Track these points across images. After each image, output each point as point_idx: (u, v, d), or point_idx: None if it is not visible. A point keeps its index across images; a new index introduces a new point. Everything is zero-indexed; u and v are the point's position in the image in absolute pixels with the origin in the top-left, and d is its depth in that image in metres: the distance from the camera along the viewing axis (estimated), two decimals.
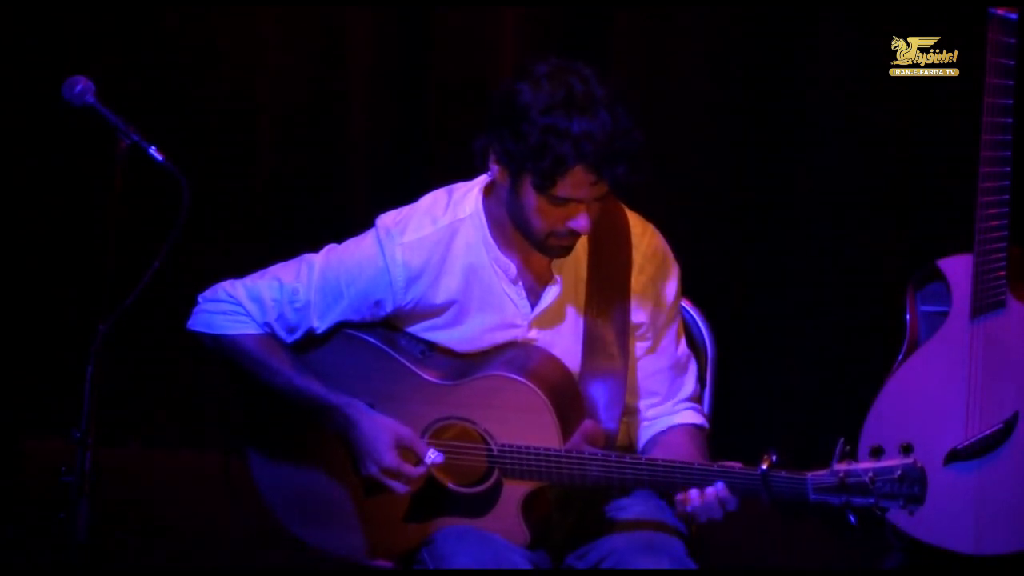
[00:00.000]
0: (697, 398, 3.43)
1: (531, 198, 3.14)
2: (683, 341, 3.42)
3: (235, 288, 3.33)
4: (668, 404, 3.38)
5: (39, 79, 5.30)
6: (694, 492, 3.10)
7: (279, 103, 5.43)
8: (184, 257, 3.99)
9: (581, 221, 3.14)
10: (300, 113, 5.44)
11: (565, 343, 3.32)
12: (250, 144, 5.46)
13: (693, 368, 3.43)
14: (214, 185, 5.34)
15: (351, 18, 5.35)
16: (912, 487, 3.01)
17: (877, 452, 3.03)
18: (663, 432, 3.36)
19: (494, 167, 3.19)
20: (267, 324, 3.31)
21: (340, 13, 5.36)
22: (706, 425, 3.41)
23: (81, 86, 3.21)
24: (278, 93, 5.42)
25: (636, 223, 3.36)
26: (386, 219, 3.33)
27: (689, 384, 3.41)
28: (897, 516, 4.22)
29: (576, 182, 3.09)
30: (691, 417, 3.39)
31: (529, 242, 3.22)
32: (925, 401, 4.26)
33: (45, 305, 5.48)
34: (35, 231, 5.46)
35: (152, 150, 3.18)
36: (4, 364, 5.46)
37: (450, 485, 3.27)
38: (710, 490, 3.09)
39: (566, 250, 3.22)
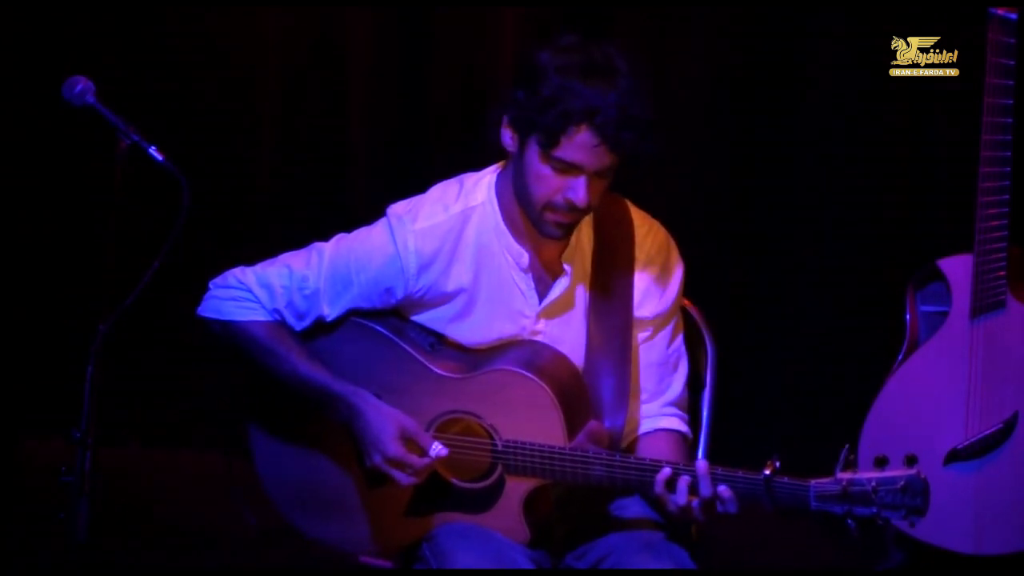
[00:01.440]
0: (683, 404, 3.42)
1: (534, 161, 3.15)
2: (678, 340, 3.42)
3: (245, 275, 3.34)
4: (655, 404, 3.38)
5: (39, 79, 5.30)
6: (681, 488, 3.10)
7: (279, 103, 5.43)
8: (184, 257, 3.97)
9: (579, 191, 3.14)
10: (300, 113, 5.44)
11: (572, 336, 3.32)
12: (250, 144, 5.46)
13: (683, 369, 3.42)
14: (214, 185, 5.34)
15: (351, 18, 5.35)
16: (915, 499, 3.01)
17: (881, 462, 3.03)
18: (648, 433, 3.37)
19: (505, 132, 3.21)
20: (276, 311, 3.32)
21: (340, 13, 5.36)
22: (690, 435, 3.41)
23: (81, 86, 3.21)
24: (278, 93, 5.42)
25: (641, 220, 3.37)
26: (397, 208, 3.34)
27: (677, 386, 3.40)
28: (897, 520, 4.22)
29: (579, 144, 3.11)
30: (676, 424, 3.39)
31: (528, 217, 3.23)
32: (925, 401, 4.26)
33: (45, 305, 5.48)
34: (35, 231, 5.46)
35: (152, 150, 3.18)
36: (4, 364, 5.46)
37: (453, 480, 3.27)
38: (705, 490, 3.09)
39: (563, 228, 3.21)
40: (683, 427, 3.39)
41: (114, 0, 5.35)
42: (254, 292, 3.31)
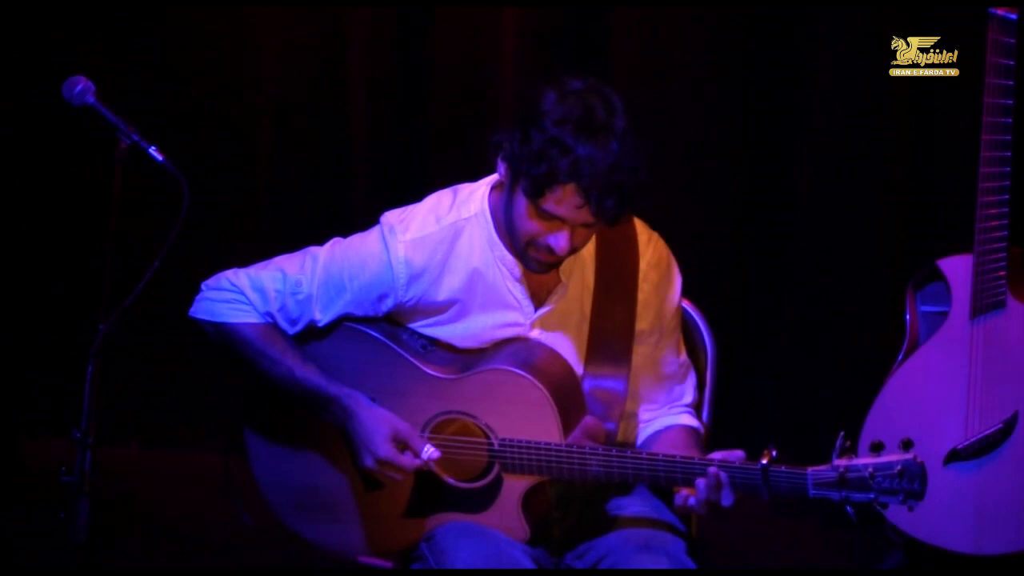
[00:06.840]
0: (695, 406, 3.44)
1: (521, 203, 3.15)
2: (683, 350, 3.43)
3: (238, 277, 3.33)
4: (665, 409, 3.40)
5: (39, 79, 5.31)
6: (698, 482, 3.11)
7: (279, 103, 5.43)
8: (184, 257, 3.97)
9: (560, 240, 3.14)
10: (300, 114, 5.44)
11: (566, 345, 3.32)
12: (250, 144, 5.46)
13: (692, 377, 3.44)
14: (214, 185, 5.34)
15: (351, 19, 5.35)
16: (912, 483, 3.00)
17: (877, 447, 3.02)
18: (659, 431, 3.38)
19: (500, 163, 3.20)
20: (269, 314, 3.32)
21: (340, 14, 5.36)
22: (701, 430, 3.42)
23: (81, 86, 3.22)
24: (278, 93, 5.42)
25: (642, 231, 3.37)
26: (391, 216, 3.34)
27: (688, 393, 3.43)
28: (897, 515, 4.22)
29: (564, 200, 3.10)
30: (687, 420, 3.40)
31: (512, 246, 3.23)
32: (925, 401, 4.26)
33: (45, 305, 5.49)
34: (35, 231, 5.46)
35: (152, 150, 3.18)
36: (4, 364, 5.46)
37: (450, 480, 3.27)
38: (703, 481, 3.09)
39: (543, 266, 3.22)
40: (695, 422, 3.40)
41: (114, 0, 5.35)
42: (247, 295, 3.31)
